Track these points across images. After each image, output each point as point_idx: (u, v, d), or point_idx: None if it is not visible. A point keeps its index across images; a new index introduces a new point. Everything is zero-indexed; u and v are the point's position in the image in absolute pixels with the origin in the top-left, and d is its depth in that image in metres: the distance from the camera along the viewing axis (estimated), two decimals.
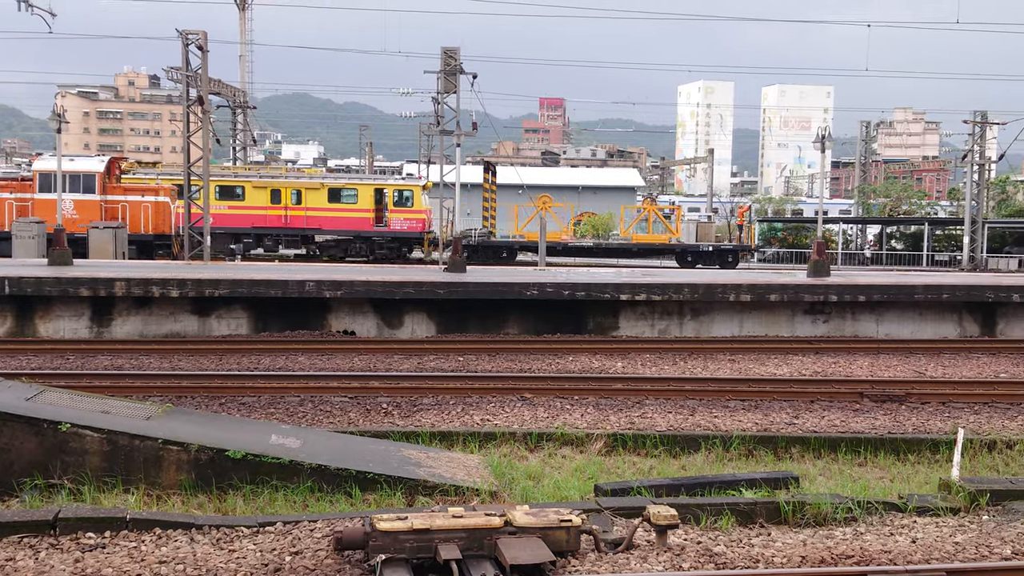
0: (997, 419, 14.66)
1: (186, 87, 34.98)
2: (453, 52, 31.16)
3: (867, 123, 66.54)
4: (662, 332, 24.57)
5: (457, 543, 7.64)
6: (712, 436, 13.02)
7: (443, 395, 15.59)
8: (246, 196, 39.19)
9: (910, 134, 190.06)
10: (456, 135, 31.26)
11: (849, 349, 22.09)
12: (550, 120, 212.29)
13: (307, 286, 23.09)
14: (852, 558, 8.19)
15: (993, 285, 25.85)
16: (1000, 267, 45.52)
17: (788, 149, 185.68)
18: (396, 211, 39.33)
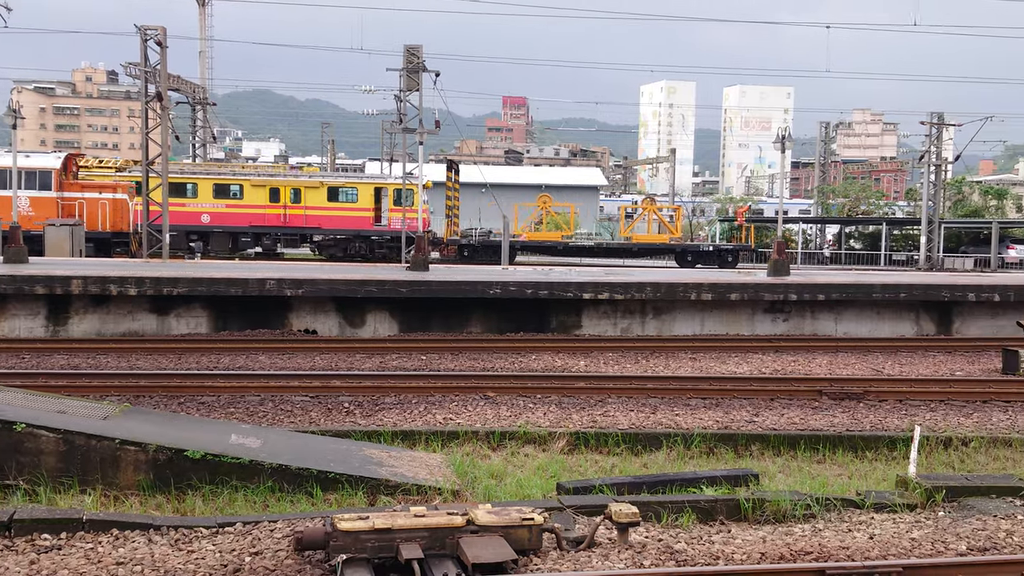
0: (953, 416, 14.88)
1: (145, 83, 34.57)
2: (416, 50, 31.05)
3: (826, 124, 67.29)
4: (624, 331, 24.68)
5: (419, 542, 7.62)
6: (674, 434, 13.10)
7: (405, 394, 15.54)
8: (244, 195, 38.59)
9: (868, 135, 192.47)
10: (419, 133, 31.18)
11: (808, 347, 22.33)
12: (513, 119, 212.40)
13: (268, 284, 22.92)
14: (811, 554, 8.27)
15: (949, 284, 26.24)
16: (956, 267, 46.23)
17: (749, 149, 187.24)
18: (396, 210, 38.98)
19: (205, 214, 38.40)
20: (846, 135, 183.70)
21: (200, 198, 38.41)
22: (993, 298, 25.63)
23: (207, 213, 38.39)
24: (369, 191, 39.17)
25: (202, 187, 38.50)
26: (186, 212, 38.56)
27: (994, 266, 43.30)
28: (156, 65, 34.42)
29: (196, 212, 38.63)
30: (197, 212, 38.60)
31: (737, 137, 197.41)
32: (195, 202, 38.56)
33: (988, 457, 12.83)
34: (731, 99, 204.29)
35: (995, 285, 26.26)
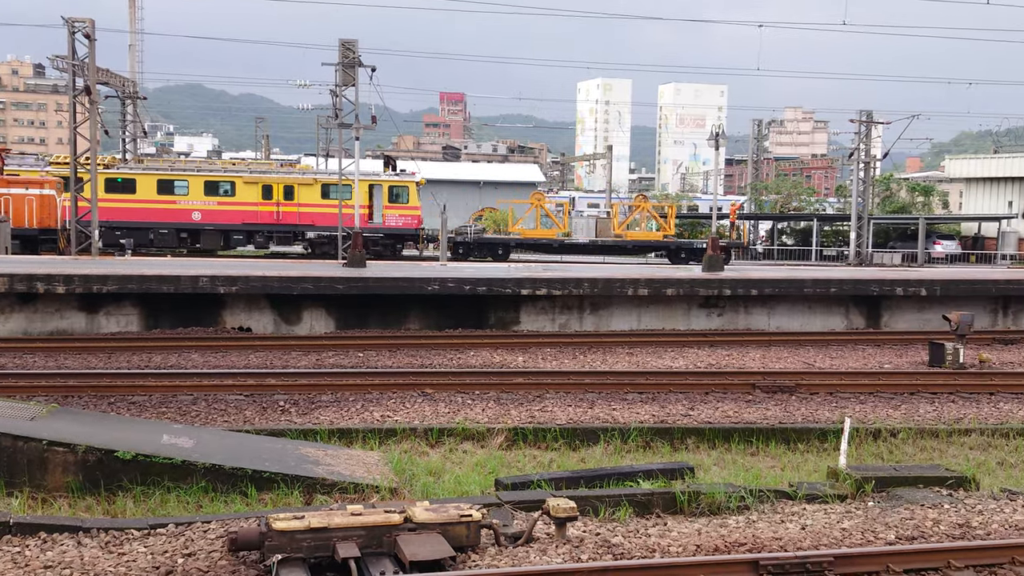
0: (882, 408, 15.22)
1: (72, 76, 33.76)
2: (351, 44, 30.79)
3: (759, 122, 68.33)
4: (563, 326, 24.78)
5: (356, 541, 7.57)
6: (611, 428, 13.20)
7: (342, 392, 15.43)
8: (236, 192, 37.88)
9: (800, 132, 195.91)
10: (355, 128, 30.93)
11: (742, 342, 22.66)
12: (451, 115, 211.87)
13: (201, 281, 22.56)
14: (744, 545, 8.40)
15: (878, 279, 26.83)
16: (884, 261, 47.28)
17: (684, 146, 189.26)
18: (391, 207, 38.74)
19: (196, 211, 37.50)
20: (778, 133, 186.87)
21: (191, 195, 37.49)
22: (920, 292, 26.26)
23: (198, 211, 37.52)
24: (364, 188, 38.86)
25: (193, 184, 37.59)
26: (177, 210, 37.63)
27: (921, 261, 44.37)
28: (84, 58, 33.64)
29: (187, 210, 37.67)
30: (188, 210, 37.66)
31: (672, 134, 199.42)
32: (186, 199, 37.63)
33: (916, 448, 13.16)
34: (666, 96, 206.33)
35: (922, 280, 26.91)
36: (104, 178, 37.27)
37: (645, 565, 7.58)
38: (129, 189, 37.42)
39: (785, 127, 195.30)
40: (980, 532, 8.94)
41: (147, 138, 65.25)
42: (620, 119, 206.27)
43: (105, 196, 37.04)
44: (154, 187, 37.51)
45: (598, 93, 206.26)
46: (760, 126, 67.07)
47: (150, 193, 37.28)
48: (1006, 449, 13.09)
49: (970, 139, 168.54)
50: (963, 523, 9.17)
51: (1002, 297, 27.14)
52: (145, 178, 37.57)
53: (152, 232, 37.08)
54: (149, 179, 37.67)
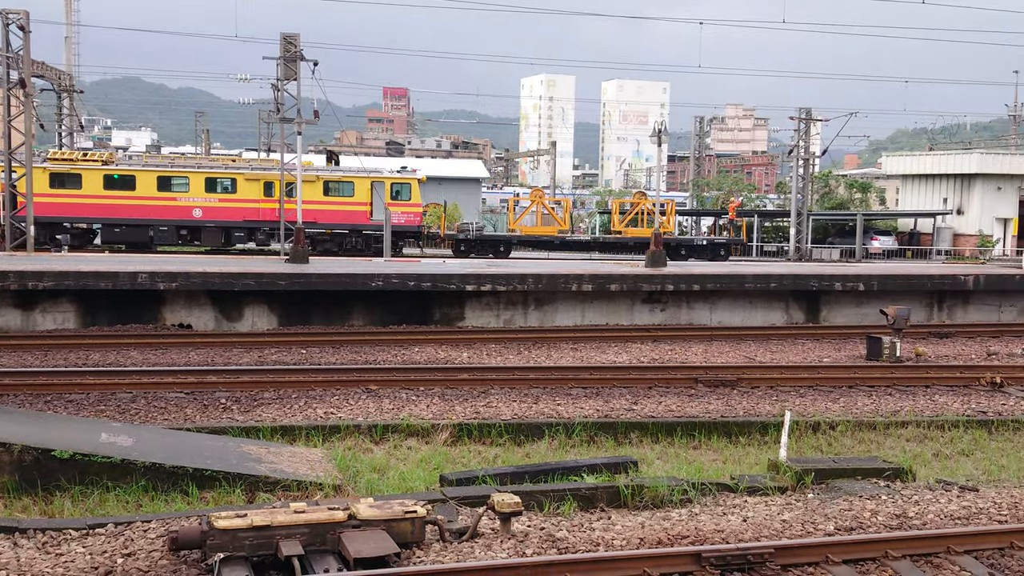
0: (821, 401, 15.48)
1: (7, 69, 32.94)
2: (293, 38, 30.47)
3: (701, 118, 69.02)
4: (507, 322, 24.81)
5: (299, 539, 7.51)
6: (555, 423, 13.25)
7: (285, 388, 15.28)
8: (238, 189, 37.42)
9: (741, 129, 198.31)
10: (297, 123, 30.63)
11: (685, 336, 22.89)
12: (394, 110, 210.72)
13: (139, 278, 22.18)
14: (687, 538, 8.49)
15: (817, 274, 27.29)
16: (823, 257, 48.04)
17: (627, 143, 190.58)
18: (393, 204, 38.37)
19: (197, 208, 36.88)
20: (720, 130, 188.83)
21: (192, 192, 36.89)
22: (858, 287, 26.76)
23: (199, 208, 36.92)
24: (366, 185, 38.53)
25: (194, 181, 37.03)
26: (177, 207, 36.99)
27: (859, 256, 45.15)
28: (19, 51, 32.84)
29: (187, 207, 37.03)
30: (188, 207, 37.04)
31: (616, 131, 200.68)
32: (187, 196, 36.98)
33: (854, 440, 13.42)
34: (609, 93, 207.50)
35: (860, 275, 27.44)
36: (102, 175, 36.65)
37: (589, 559, 7.62)
38: (128, 186, 36.66)
39: (726, 124, 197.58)
40: (917, 522, 9.14)
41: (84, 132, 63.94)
42: (564, 115, 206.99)
43: (104, 193, 36.34)
44: (154, 184, 36.87)
45: (542, 89, 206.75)
46: (702, 123, 67.76)
47: (150, 190, 36.61)
48: (941, 441, 13.40)
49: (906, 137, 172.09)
50: (900, 514, 9.37)
51: (937, 292, 27.78)
52: (145, 174, 36.90)
53: (152, 229, 36.52)
54: (149, 175, 37.01)
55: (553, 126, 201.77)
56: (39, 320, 22.10)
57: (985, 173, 50.49)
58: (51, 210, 35.94)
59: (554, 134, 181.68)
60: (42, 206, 35.16)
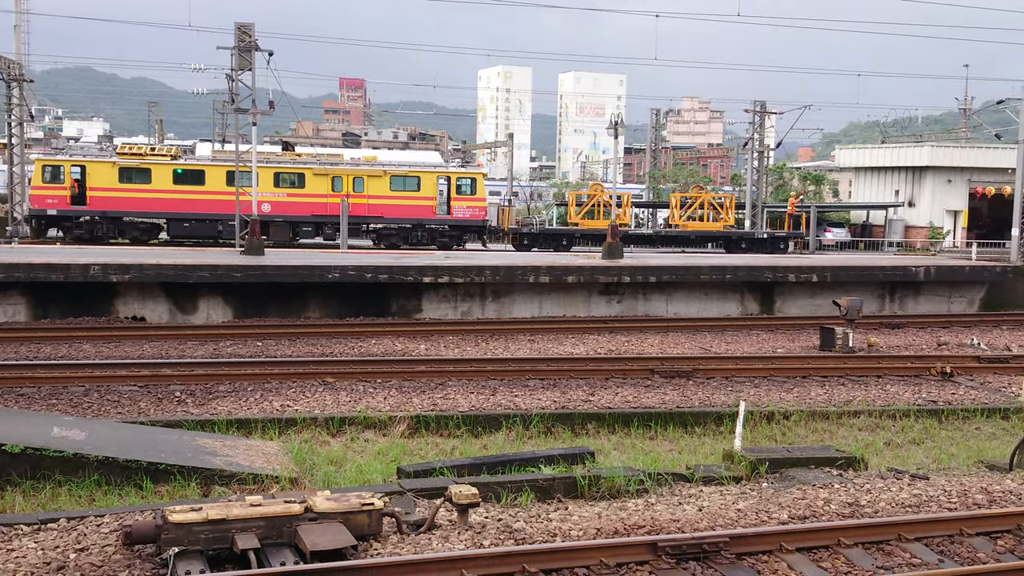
0: (775, 392, 15.67)
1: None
2: (248, 28, 30.10)
3: (657, 111, 69.24)
4: (465, 314, 24.79)
5: (255, 532, 7.46)
6: (513, 415, 13.28)
7: (241, 381, 15.15)
8: (306, 184, 37.27)
9: (697, 122, 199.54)
10: (252, 113, 30.31)
11: (641, 328, 23.03)
12: (351, 101, 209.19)
13: (92, 270, 21.85)
14: (643, 528, 8.56)
15: (771, 266, 27.58)
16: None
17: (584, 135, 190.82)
18: (459, 199, 38.50)
19: (266, 203, 36.54)
20: (676, 122, 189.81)
21: (261, 187, 36.19)
22: (811, 279, 27.08)
23: (267, 202, 36.63)
24: (432, 180, 38.52)
25: (262, 176, 36.64)
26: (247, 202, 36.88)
27: (812, 248, 45.61)
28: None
29: (257, 201, 36.05)
30: (258, 201, 35.80)
31: (573, 123, 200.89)
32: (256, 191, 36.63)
33: (807, 429, 13.60)
34: (566, 85, 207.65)
35: (813, 267, 27.77)
36: (172, 169, 36.43)
37: (546, 549, 7.65)
38: (198, 180, 36.48)
39: (682, 117, 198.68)
40: (869, 510, 9.29)
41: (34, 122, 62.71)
42: (521, 107, 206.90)
43: (173, 187, 35.75)
44: (223, 178, 36.61)
45: (499, 81, 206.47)
46: (658, 115, 68.04)
47: (219, 185, 36.39)
48: (893, 430, 13.63)
49: (859, 129, 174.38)
50: (852, 502, 9.51)
51: (889, 283, 28.21)
52: (214, 170, 36.78)
53: (220, 224, 36.23)
54: (218, 171, 36.84)
55: (510, 118, 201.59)
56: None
57: (936, 166, 51.31)
58: (120, 205, 35.44)
59: (511, 126, 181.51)
60: (111, 200, 35.06)
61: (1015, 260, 32.02)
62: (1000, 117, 57.74)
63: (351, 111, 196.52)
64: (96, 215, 34.86)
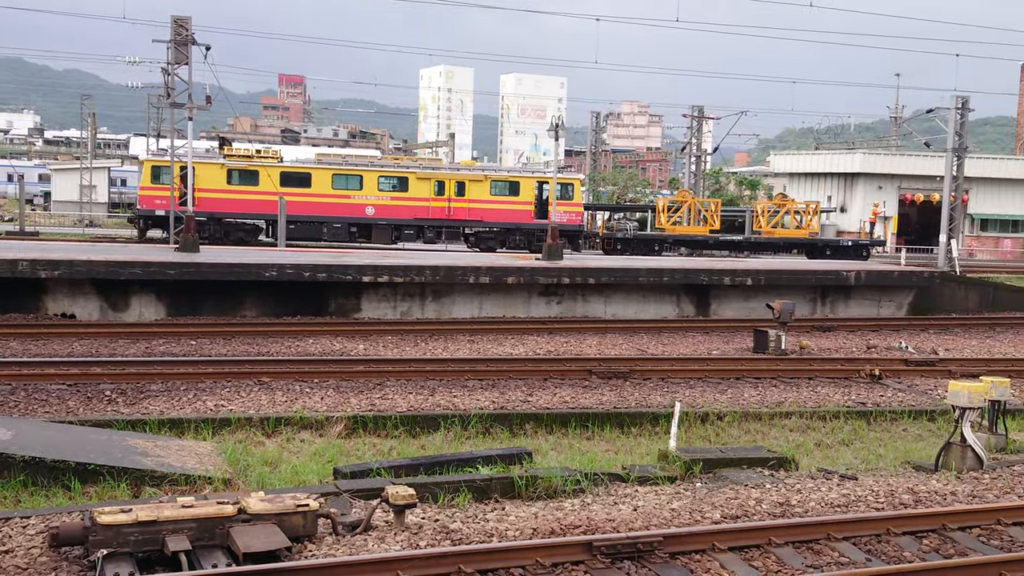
0: (710, 393, 15.86)
1: None
2: (184, 21, 29.61)
3: (597, 114, 69.59)
4: (404, 314, 24.70)
5: (187, 534, 7.34)
6: (451, 415, 13.27)
7: (173, 380, 14.90)
8: (409, 188, 37.58)
9: (636, 126, 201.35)
10: (188, 108, 29.83)
11: (580, 329, 23.15)
12: (290, 97, 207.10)
13: (20, 266, 21.31)
14: (579, 528, 8.61)
15: (707, 269, 27.92)
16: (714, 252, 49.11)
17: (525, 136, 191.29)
18: (557, 204, 38.54)
19: (370, 206, 37.05)
20: (616, 125, 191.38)
21: (365, 190, 37.09)
22: (746, 282, 27.49)
23: (372, 206, 37.07)
24: (531, 185, 39.23)
25: (367, 179, 37.25)
26: (350, 204, 37.05)
27: (747, 252, 46.27)
28: None
29: (361, 204, 37.17)
30: (362, 204, 37.18)
31: (514, 124, 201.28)
32: (360, 194, 37.07)
33: (740, 430, 13.80)
34: (508, 86, 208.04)
35: (748, 270, 28.19)
36: (279, 172, 36.53)
37: (483, 550, 7.66)
38: (304, 183, 36.76)
39: (622, 120, 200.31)
40: (799, 510, 9.46)
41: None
42: (463, 107, 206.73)
43: (280, 189, 35.86)
44: (329, 181, 37.01)
45: (440, 81, 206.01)
46: (598, 118, 68.39)
47: (325, 187, 36.79)
48: (823, 431, 13.89)
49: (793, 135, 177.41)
50: (784, 502, 9.68)
51: (821, 287, 28.74)
52: (320, 172, 37.13)
53: (325, 226, 36.66)
54: (324, 173, 37.21)
55: (452, 118, 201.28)
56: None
57: (867, 172, 52.47)
58: (226, 206, 35.60)
59: (453, 126, 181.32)
60: (218, 202, 35.30)
61: (942, 266, 32.86)
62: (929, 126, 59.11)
63: (290, 108, 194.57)
64: (203, 216, 34.80)
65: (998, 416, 12.39)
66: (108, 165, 66.82)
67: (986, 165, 53.70)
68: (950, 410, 11.40)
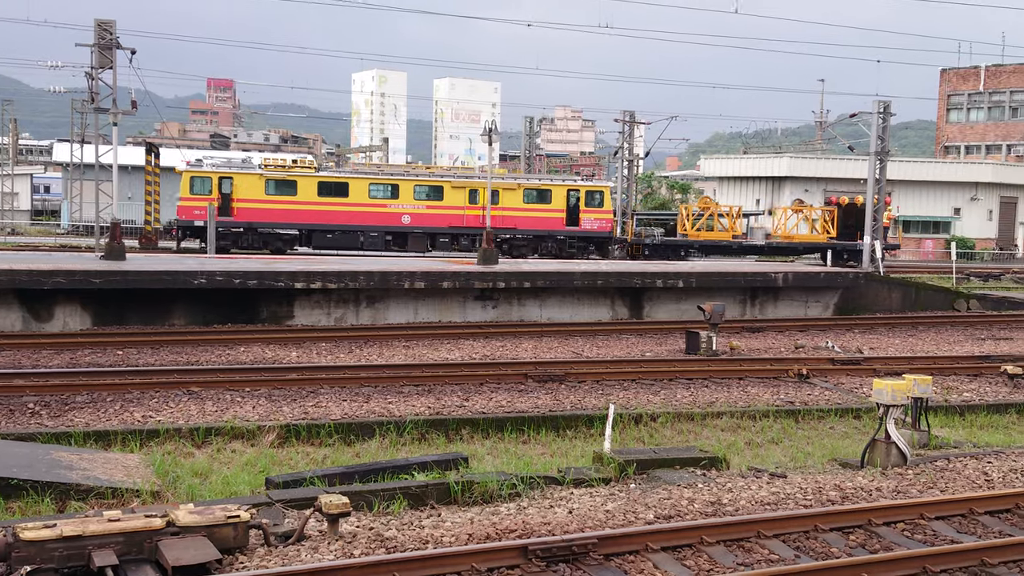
0: (643, 394, 16.02)
1: None
2: (108, 25, 28.99)
3: (531, 119, 69.85)
4: (339, 320, 24.49)
5: (114, 548, 7.19)
6: (386, 422, 13.19)
7: (99, 392, 14.57)
8: (444, 196, 37.98)
9: (569, 131, 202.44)
10: (112, 113, 29.22)
11: (516, 333, 23.20)
12: (219, 102, 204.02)
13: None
14: (515, 532, 8.62)
15: (640, 272, 28.20)
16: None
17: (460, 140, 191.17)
18: (587, 211, 39.71)
19: (406, 215, 37.45)
20: (549, 130, 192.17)
21: (401, 199, 37.45)
22: (678, 284, 27.82)
23: (408, 214, 37.47)
24: (563, 192, 39.61)
25: (404, 188, 37.52)
26: (387, 213, 37.36)
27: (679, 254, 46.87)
28: None
29: (397, 213, 37.48)
30: (398, 213, 37.50)
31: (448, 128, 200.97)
32: (396, 203, 37.42)
33: (674, 431, 13.96)
34: (442, 91, 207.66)
35: (680, 272, 28.53)
36: (317, 182, 36.74)
37: (417, 557, 7.63)
38: (342, 192, 36.93)
39: (556, 125, 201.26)
40: (730, 508, 9.59)
41: None
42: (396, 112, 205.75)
43: (318, 199, 36.41)
44: (366, 191, 37.32)
45: (373, 85, 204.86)
46: (532, 123, 68.60)
47: (362, 197, 37.11)
48: (753, 430, 14.12)
49: (723, 140, 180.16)
50: (715, 501, 9.81)
51: (750, 288, 29.22)
52: (357, 181, 37.42)
53: (362, 235, 36.83)
54: (361, 183, 37.53)
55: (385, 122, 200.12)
56: None
57: (794, 176, 53.51)
58: (267, 216, 35.95)
59: (386, 130, 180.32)
60: (256, 212, 35.75)
61: (866, 267, 33.63)
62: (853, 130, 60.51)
63: (220, 112, 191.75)
64: (243, 226, 35.14)
65: (921, 413, 12.72)
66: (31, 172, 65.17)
67: (908, 168, 55.17)
68: (875, 408, 11.66)
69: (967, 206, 56.31)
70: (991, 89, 67.42)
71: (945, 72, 69.63)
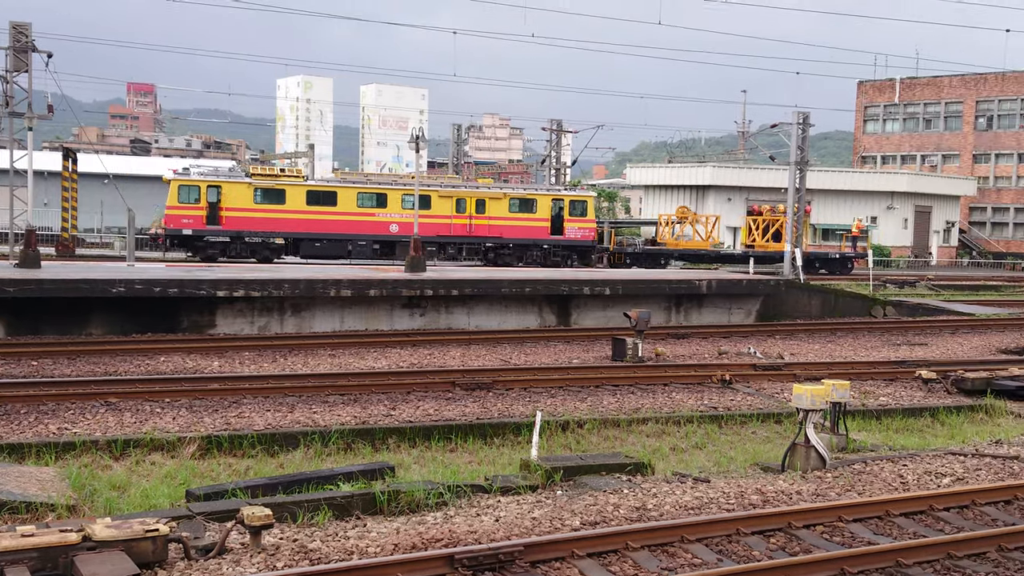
0: (570, 401, 16.10)
1: None
2: (24, 27, 28.20)
3: (459, 126, 69.85)
4: (262, 329, 24.15)
5: (27, 564, 6.98)
6: (311, 432, 13.04)
7: (13, 404, 14.13)
8: (432, 206, 37.93)
9: (498, 139, 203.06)
10: (28, 118, 28.43)
11: (443, 341, 23.14)
12: (140, 107, 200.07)
13: None
14: (441, 541, 8.58)
15: (568, 279, 28.37)
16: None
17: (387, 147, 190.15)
18: (571, 220, 40.19)
19: (394, 224, 37.40)
20: (477, 138, 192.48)
21: (389, 208, 37.63)
22: (605, 292, 28.05)
23: (396, 223, 37.39)
24: (547, 202, 40.03)
25: (392, 198, 37.69)
26: (375, 222, 37.25)
27: (606, 263, 47.31)
28: None
29: (385, 222, 37.46)
30: (386, 222, 37.47)
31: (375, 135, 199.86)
32: (384, 212, 37.58)
33: (600, 437, 14.05)
34: (368, 97, 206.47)
35: (606, 280, 28.77)
36: (305, 191, 36.54)
37: (341, 568, 7.55)
38: (330, 201, 36.67)
39: (484, 133, 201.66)
40: (655, 514, 9.69)
41: None
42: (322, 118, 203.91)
43: (306, 208, 36.30)
44: (354, 200, 37.16)
45: (298, 91, 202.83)
46: (460, 131, 68.58)
47: (350, 206, 36.95)
48: (678, 435, 14.28)
49: (648, 149, 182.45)
50: (640, 506, 9.90)
51: (675, 295, 29.61)
52: (346, 191, 37.14)
53: (351, 244, 36.65)
54: (350, 192, 37.28)
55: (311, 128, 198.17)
56: None
57: (717, 185, 54.45)
58: (256, 225, 35.77)
59: (312, 136, 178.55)
60: (245, 221, 35.52)
61: (787, 274, 34.33)
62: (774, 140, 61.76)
63: (140, 117, 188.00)
64: (230, 235, 34.73)
65: (839, 417, 13.01)
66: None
67: (827, 177, 56.52)
68: (795, 412, 11.90)
69: (883, 215, 57.90)
70: (906, 101, 69.49)
71: (862, 84, 71.59)
